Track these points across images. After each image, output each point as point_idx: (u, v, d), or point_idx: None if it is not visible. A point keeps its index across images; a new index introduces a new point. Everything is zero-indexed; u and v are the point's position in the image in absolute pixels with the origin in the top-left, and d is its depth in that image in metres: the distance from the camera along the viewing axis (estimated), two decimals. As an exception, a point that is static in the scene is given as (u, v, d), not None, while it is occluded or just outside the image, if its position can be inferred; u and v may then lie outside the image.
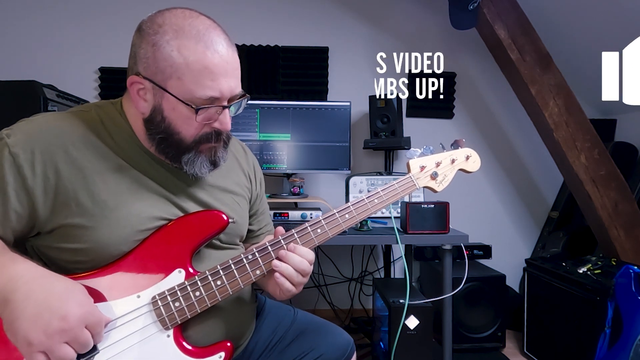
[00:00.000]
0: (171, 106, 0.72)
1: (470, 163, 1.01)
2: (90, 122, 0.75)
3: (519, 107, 2.20)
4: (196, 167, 0.78)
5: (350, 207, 0.87)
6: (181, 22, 0.71)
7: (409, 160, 0.96)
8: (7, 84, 1.55)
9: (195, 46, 0.70)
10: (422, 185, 0.96)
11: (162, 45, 0.70)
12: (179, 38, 0.70)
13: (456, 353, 1.84)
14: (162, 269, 0.75)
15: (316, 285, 2.28)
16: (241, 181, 0.96)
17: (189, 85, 0.71)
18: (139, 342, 0.72)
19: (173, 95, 0.71)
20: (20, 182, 0.68)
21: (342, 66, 2.34)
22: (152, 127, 0.75)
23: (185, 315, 0.74)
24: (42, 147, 0.69)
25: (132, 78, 0.73)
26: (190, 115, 0.73)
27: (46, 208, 0.69)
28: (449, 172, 0.99)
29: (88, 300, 0.66)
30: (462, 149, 1.01)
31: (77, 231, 0.70)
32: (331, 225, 0.84)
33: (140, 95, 0.74)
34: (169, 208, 0.78)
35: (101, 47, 2.21)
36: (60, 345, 0.60)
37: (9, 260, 0.65)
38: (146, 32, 0.72)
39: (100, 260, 0.72)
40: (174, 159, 0.77)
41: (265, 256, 0.80)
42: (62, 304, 0.61)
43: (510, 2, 1.99)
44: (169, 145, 0.76)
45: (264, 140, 1.98)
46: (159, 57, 0.70)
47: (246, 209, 0.97)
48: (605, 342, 1.50)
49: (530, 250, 2.48)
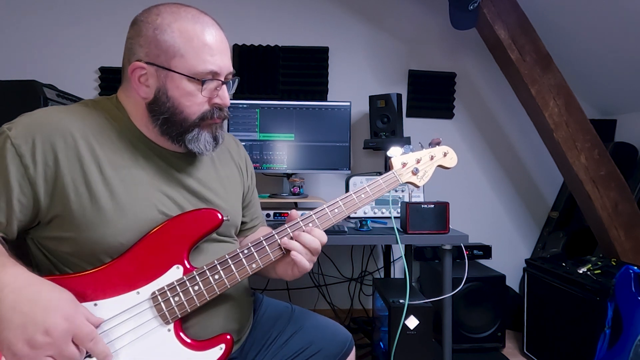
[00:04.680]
0: (175, 84, 0.77)
1: (447, 159, 1.08)
2: (89, 115, 0.78)
3: (519, 107, 2.20)
4: (200, 144, 0.82)
5: (339, 202, 0.90)
6: (176, 9, 0.78)
7: (391, 158, 1.02)
8: (7, 83, 1.55)
9: (194, 26, 0.77)
10: (404, 180, 1.01)
11: (164, 28, 0.76)
12: (177, 21, 0.77)
13: (456, 353, 1.85)
14: (160, 266, 0.76)
15: (316, 285, 2.28)
16: (234, 173, 0.99)
17: (192, 61, 0.76)
18: (140, 337, 0.73)
19: (178, 72, 0.76)
20: (22, 172, 0.69)
21: (342, 66, 2.34)
22: (157, 109, 0.78)
23: (185, 309, 0.75)
24: (42, 136, 0.71)
25: (134, 64, 0.77)
26: (193, 91, 0.78)
27: (47, 196, 0.71)
28: (429, 168, 1.04)
29: (75, 311, 0.64)
30: (439, 146, 1.08)
31: (75, 220, 0.71)
32: (322, 220, 0.87)
33: (142, 81, 0.78)
34: (163, 199, 0.80)
35: (101, 47, 2.21)
36: (44, 358, 0.60)
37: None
38: (144, 22, 0.77)
39: (99, 252, 0.73)
40: (178, 138, 0.81)
41: (261, 250, 0.82)
42: (46, 317, 0.60)
43: (510, 2, 1.99)
44: (172, 124, 0.79)
45: (264, 140, 1.98)
46: (160, 39, 0.76)
47: (239, 200, 0.99)
48: (605, 342, 1.50)
49: (530, 250, 2.48)
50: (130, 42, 0.79)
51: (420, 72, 2.37)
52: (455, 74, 2.39)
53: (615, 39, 1.92)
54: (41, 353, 0.59)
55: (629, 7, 1.72)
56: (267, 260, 0.82)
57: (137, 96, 0.79)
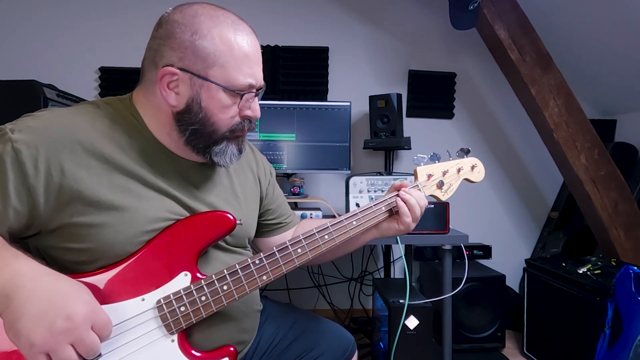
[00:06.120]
0: (211, 95, 0.72)
1: (475, 173, 1.02)
2: (99, 119, 0.73)
3: (519, 107, 2.20)
4: (227, 157, 0.78)
5: (366, 209, 0.91)
6: (214, 13, 0.73)
7: (416, 167, 0.96)
8: (7, 83, 1.55)
9: (235, 34, 0.72)
10: (428, 193, 0.97)
11: (203, 33, 0.70)
12: (217, 26, 0.71)
13: (456, 353, 1.85)
14: (167, 272, 0.73)
15: (316, 285, 2.28)
16: (249, 180, 0.95)
17: (232, 72, 0.72)
18: (143, 347, 0.70)
19: (216, 83, 0.72)
20: (21, 179, 0.65)
21: (342, 66, 2.34)
22: (187, 119, 0.74)
23: (190, 320, 0.73)
24: (47, 144, 0.66)
25: (166, 70, 0.71)
26: (229, 104, 0.74)
27: (48, 207, 0.66)
28: (455, 181, 0.99)
29: (93, 300, 0.63)
30: (468, 158, 1.01)
31: (82, 230, 0.68)
32: (366, 218, 0.91)
33: (171, 87, 0.72)
34: (176, 209, 0.76)
35: (101, 47, 2.21)
36: (64, 346, 0.57)
37: (12, 257, 0.63)
38: (178, 22, 0.71)
39: (105, 260, 0.70)
40: (204, 150, 0.77)
41: (273, 262, 0.79)
42: (67, 303, 0.59)
43: (510, 2, 1.98)
44: (201, 136, 0.75)
45: (264, 140, 1.98)
46: (199, 45, 0.70)
47: (255, 210, 0.96)
48: (605, 342, 1.49)
49: (530, 250, 2.48)
50: (157, 42, 0.72)
51: (420, 72, 2.37)
52: (455, 74, 2.39)
53: (616, 39, 1.92)
54: (62, 340, 0.57)
55: (629, 7, 1.72)
56: (279, 272, 0.80)
57: (162, 102, 0.74)
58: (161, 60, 0.72)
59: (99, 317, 0.62)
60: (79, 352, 0.59)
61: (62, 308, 0.58)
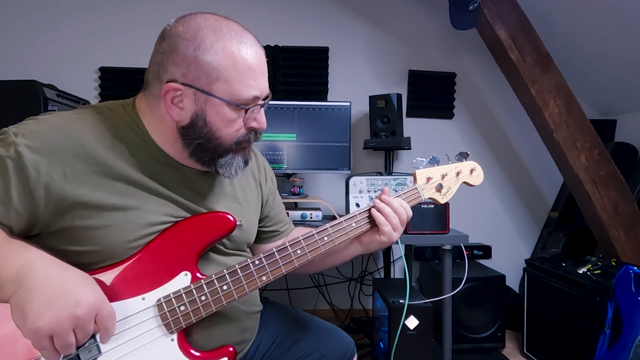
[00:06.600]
0: (216, 110, 0.72)
1: (474, 177, 1.03)
2: (101, 124, 0.73)
3: (519, 107, 2.20)
4: (232, 169, 0.78)
5: (356, 215, 0.90)
6: (217, 25, 0.71)
7: (416, 170, 0.97)
8: (7, 83, 1.56)
9: (239, 47, 0.71)
10: (427, 196, 0.97)
11: (206, 48, 0.69)
12: (220, 40, 0.70)
13: (456, 353, 1.85)
14: (168, 271, 0.73)
15: (316, 285, 2.28)
16: (251, 186, 0.95)
17: (236, 87, 0.71)
18: (142, 345, 0.70)
19: (220, 98, 0.71)
20: (23, 182, 0.65)
21: (342, 66, 2.34)
22: (191, 133, 0.73)
23: (190, 319, 0.73)
24: (49, 149, 0.67)
25: (169, 86, 0.70)
26: (233, 118, 0.73)
27: (48, 210, 0.67)
28: (453, 184, 1.00)
29: (101, 291, 0.66)
30: (467, 161, 1.02)
31: (84, 233, 0.69)
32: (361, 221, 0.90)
33: (175, 103, 0.72)
34: (178, 212, 0.77)
35: (101, 47, 2.21)
36: (68, 331, 0.60)
37: (22, 246, 0.65)
38: (182, 37, 0.70)
39: (106, 262, 0.71)
40: (209, 163, 0.77)
41: (272, 262, 0.80)
42: (78, 290, 0.62)
43: (511, 2, 1.98)
44: (206, 150, 0.75)
45: (264, 140, 1.97)
46: (202, 60, 0.69)
47: (255, 215, 0.96)
48: (605, 342, 1.50)
49: (530, 250, 2.48)
50: (161, 56, 0.71)
51: (420, 72, 2.37)
52: (455, 74, 2.39)
53: (616, 39, 1.92)
54: (68, 325, 0.60)
55: (629, 7, 1.72)
56: (278, 273, 0.80)
57: (166, 116, 0.73)
58: (165, 75, 0.71)
59: (104, 307, 0.64)
60: (77, 338, 0.62)
61: (74, 294, 0.61)
